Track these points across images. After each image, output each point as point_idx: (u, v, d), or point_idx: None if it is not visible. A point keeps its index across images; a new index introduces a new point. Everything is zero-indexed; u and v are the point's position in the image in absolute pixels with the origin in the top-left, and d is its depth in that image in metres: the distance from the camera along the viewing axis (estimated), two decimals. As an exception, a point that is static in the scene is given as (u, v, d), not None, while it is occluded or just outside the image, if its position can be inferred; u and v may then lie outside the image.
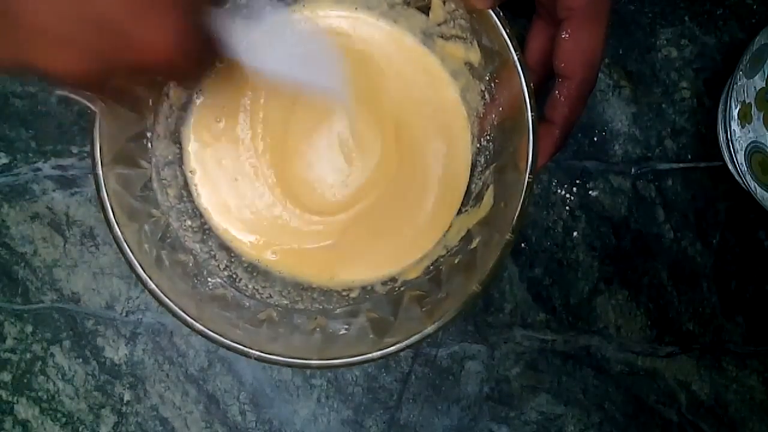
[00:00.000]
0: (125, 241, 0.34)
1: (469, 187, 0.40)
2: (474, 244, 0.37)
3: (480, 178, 0.39)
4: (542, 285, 0.45)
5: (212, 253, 0.39)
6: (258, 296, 0.39)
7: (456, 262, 0.37)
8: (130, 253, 0.34)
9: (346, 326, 0.37)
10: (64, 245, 0.45)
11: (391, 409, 0.45)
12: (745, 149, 0.39)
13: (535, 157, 0.33)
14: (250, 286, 0.39)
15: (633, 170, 0.45)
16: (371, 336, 0.36)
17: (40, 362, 0.45)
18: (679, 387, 0.45)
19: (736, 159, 0.40)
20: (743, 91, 0.39)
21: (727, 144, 0.41)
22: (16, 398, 0.45)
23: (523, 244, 0.45)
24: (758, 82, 0.37)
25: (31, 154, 0.45)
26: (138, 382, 0.45)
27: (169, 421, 0.45)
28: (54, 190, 0.45)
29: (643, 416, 0.45)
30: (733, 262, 0.45)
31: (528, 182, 0.33)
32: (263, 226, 0.40)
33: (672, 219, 0.45)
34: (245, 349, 0.33)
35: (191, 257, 0.38)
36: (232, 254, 0.40)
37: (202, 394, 0.45)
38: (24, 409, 0.45)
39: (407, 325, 0.35)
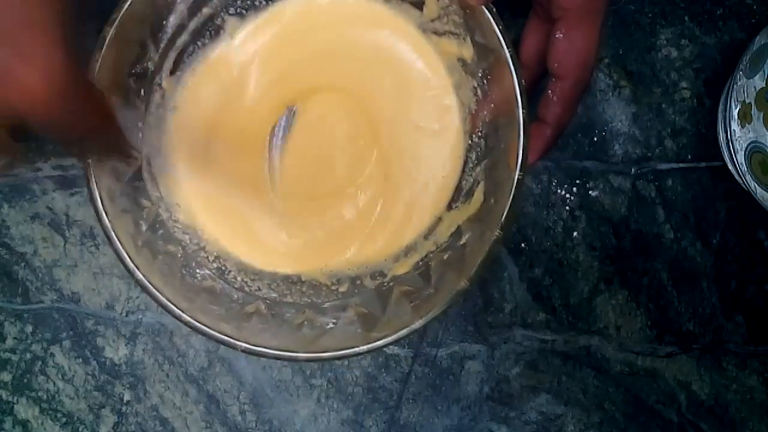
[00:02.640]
0: (114, 231, 0.34)
1: (459, 183, 0.40)
2: (463, 240, 0.37)
3: (471, 175, 0.39)
4: (542, 285, 0.45)
5: (201, 244, 0.39)
6: (247, 289, 0.39)
7: (445, 258, 0.37)
8: (119, 244, 0.34)
9: (334, 320, 0.37)
10: (64, 245, 0.45)
11: (391, 409, 0.45)
12: (745, 149, 0.39)
13: (525, 155, 0.33)
14: (238, 279, 0.39)
15: (633, 170, 0.45)
16: (359, 330, 0.36)
17: (40, 362, 0.45)
18: (679, 387, 0.45)
19: (736, 159, 0.40)
20: (743, 91, 0.39)
21: (727, 144, 0.41)
22: (16, 398, 0.45)
23: (523, 244, 0.45)
24: (758, 82, 0.37)
25: (31, 154, 0.45)
26: (138, 382, 0.45)
27: (169, 421, 0.45)
28: (54, 190, 0.45)
29: (643, 416, 0.45)
30: (733, 262, 0.45)
31: (518, 179, 0.33)
32: (247, 228, 0.40)
33: (672, 219, 0.45)
34: (233, 341, 0.33)
35: (180, 248, 0.38)
36: None
37: (202, 394, 0.45)
38: (24, 409, 0.45)
39: (395, 320, 0.35)
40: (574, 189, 0.45)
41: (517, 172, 0.33)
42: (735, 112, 0.40)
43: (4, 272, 0.45)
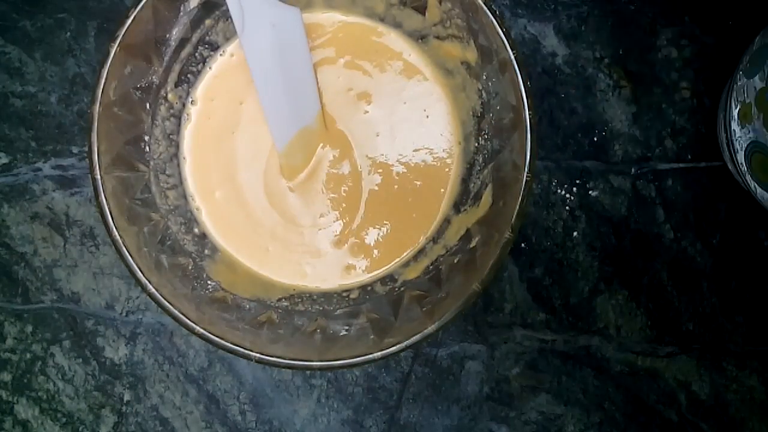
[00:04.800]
0: (124, 244, 0.34)
1: (467, 186, 0.40)
2: (473, 244, 0.37)
3: (479, 177, 0.39)
4: (542, 285, 0.45)
5: (213, 257, 0.39)
6: (258, 298, 0.39)
7: (456, 261, 0.37)
8: (129, 257, 0.34)
9: (347, 327, 0.37)
10: (64, 245, 0.45)
11: (391, 409, 0.45)
12: (745, 149, 0.39)
13: (533, 156, 0.33)
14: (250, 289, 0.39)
15: (633, 170, 0.45)
16: (372, 337, 0.35)
17: (40, 362, 0.45)
18: (679, 387, 0.45)
19: (736, 159, 0.40)
20: (743, 91, 0.39)
21: (727, 144, 0.41)
22: (16, 398, 0.45)
23: (523, 244, 0.45)
24: (758, 82, 0.37)
25: (31, 154, 0.45)
26: (138, 382, 0.45)
27: (169, 421, 0.45)
28: (54, 190, 0.45)
29: (643, 416, 0.45)
30: (733, 262, 0.45)
31: (527, 181, 0.33)
32: (258, 244, 0.40)
33: (672, 219, 0.45)
34: (246, 351, 0.33)
35: (190, 260, 0.38)
36: None
37: (202, 394, 0.45)
38: (24, 409, 0.45)
39: (408, 326, 0.35)
40: (574, 189, 0.45)
41: (525, 174, 0.33)
42: (735, 112, 0.40)
43: (4, 272, 0.45)
